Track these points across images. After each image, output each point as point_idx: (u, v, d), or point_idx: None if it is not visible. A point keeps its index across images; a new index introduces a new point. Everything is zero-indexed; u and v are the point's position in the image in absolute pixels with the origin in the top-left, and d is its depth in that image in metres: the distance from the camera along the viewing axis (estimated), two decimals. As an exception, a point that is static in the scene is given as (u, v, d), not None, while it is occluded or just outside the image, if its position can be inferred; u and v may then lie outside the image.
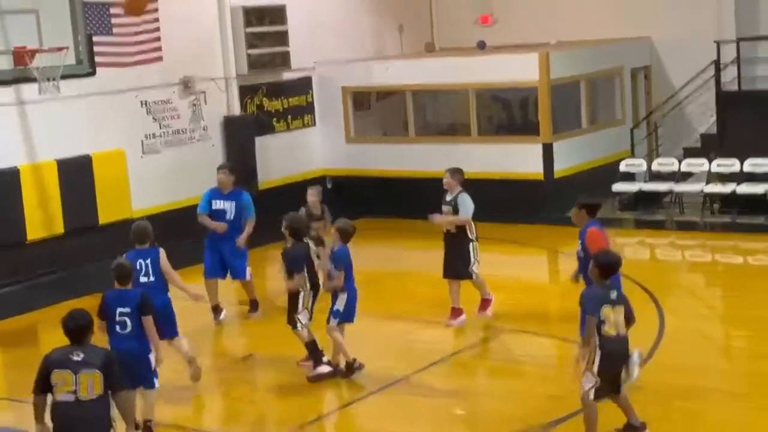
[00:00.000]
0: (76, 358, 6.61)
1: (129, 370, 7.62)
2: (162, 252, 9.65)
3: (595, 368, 7.61)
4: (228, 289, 12.54)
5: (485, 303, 11.29)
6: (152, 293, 8.72)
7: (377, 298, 12.18)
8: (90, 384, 6.53)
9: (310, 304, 9.82)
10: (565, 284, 13.95)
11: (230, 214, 11.99)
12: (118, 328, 8.19)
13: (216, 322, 11.91)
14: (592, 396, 7.62)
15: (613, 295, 7.79)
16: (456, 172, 11.43)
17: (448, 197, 11.32)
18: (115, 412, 6.72)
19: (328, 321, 9.76)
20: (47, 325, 12.56)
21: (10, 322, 12.56)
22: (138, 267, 9.41)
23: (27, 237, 14.14)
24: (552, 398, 8.86)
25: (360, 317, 9.96)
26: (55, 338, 12.29)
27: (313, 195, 12.72)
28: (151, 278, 9.50)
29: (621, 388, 7.78)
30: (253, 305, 12.18)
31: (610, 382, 7.70)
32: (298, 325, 9.81)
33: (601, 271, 7.85)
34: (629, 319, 7.87)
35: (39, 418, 6.71)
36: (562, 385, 8.93)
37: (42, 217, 14.30)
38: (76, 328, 6.73)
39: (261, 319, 11.99)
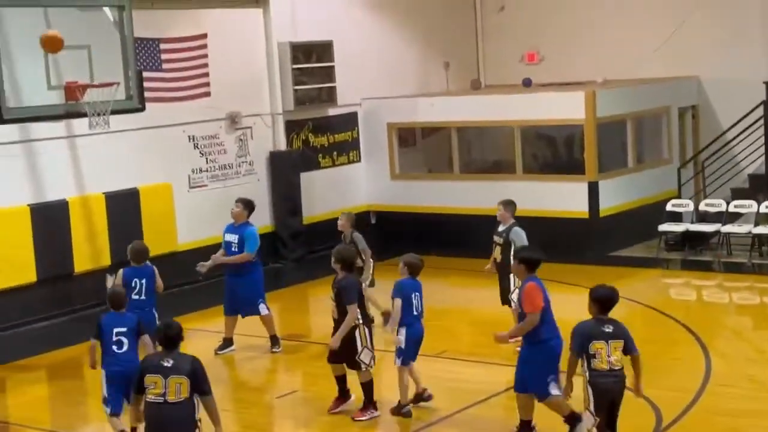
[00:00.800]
0: (166, 364, 7.24)
1: (126, 386, 8.30)
2: (155, 270, 10.79)
3: (592, 407, 7.69)
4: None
5: None
6: (141, 309, 9.87)
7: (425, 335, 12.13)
8: (177, 388, 7.16)
9: (368, 340, 9.42)
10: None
11: (235, 247, 12.01)
12: (115, 348, 8.73)
13: (216, 352, 12.01)
14: None
15: (608, 328, 7.79)
16: (509, 204, 11.71)
17: (500, 228, 11.59)
18: (202, 413, 7.29)
19: (395, 361, 9.56)
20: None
21: (57, 354, 12.67)
22: (132, 284, 10.47)
23: (75, 269, 14.30)
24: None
25: (390, 355, 9.91)
26: (99, 372, 12.38)
27: (342, 219, 12.63)
28: (143, 297, 10.54)
29: (616, 425, 7.80)
30: (274, 341, 12.12)
31: (607, 418, 7.75)
32: (362, 366, 9.39)
33: (597, 306, 7.87)
34: (629, 350, 7.84)
35: (135, 409, 7.80)
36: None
37: (90, 249, 14.46)
38: (170, 337, 7.39)
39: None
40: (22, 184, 13.83)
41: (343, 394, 9.75)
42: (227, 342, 12.15)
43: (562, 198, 16.77)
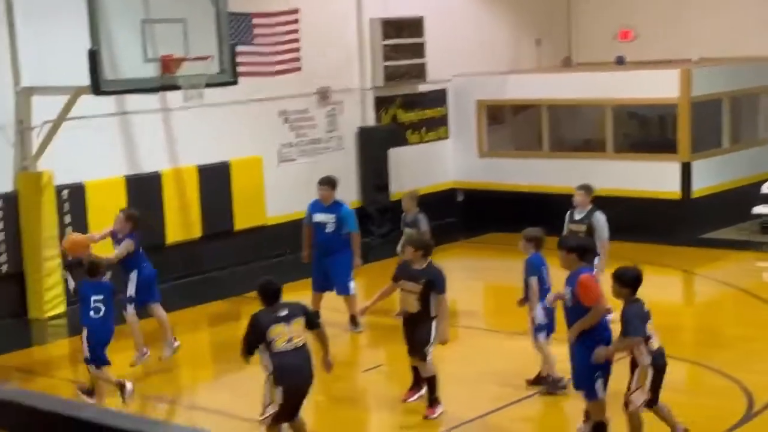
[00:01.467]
0: (282, 313, 7.75)
1: (103, 348, 9.47)
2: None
3: (648, 385, 7.70)
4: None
5: None
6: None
7: (505, 313, 12.09)
8: (300, 330, 7.73)
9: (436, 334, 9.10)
10: (699, 306, 13.63)
11: (330, 228, 11.94)
12: (92, 313, 9.55)
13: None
14: (642, 410, 7.77)
15: (646, 308, 7.80)
16: (588, 188, 11.26)
17: (578, 215, 11.11)
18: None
19: (535, 338, 9.42)
20: (183, 327, 12.91)
21: (148, 322, 12.94)
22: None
23: (166, 240, 14.58)
24: (684, 422, 8.63)
25: (487, 333, 9.91)
26: (190, 340, 12.64)
27: (407, 199, 12.34)
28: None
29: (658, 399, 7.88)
30: (354, 320, 12.05)
31: (655, 394, 7.80)
32: (429, 357, 9.03)
33: (630, 288, 7.74)
34: None
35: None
36: (694, 410, 8.69)
37: (181, 220, 14.73)
38: (274, 291, 7.87)
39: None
40: (118, 156, 14.13)
41: (418, 384, 9.39)
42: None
43: (654, 178, 16.49)
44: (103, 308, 9.58)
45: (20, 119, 13.02)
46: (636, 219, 15.58)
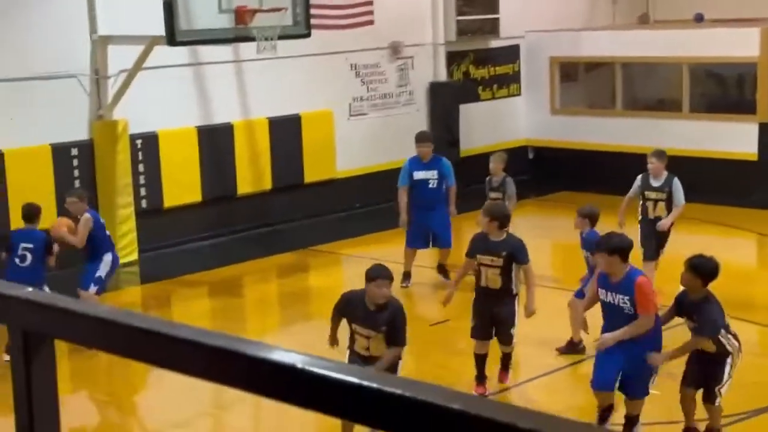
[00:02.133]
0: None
1: None
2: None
3: (734, 372, 7.32)
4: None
5: None
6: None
7: (572, 272, 11.99)
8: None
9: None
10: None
11: (433, 183, 11.81)
12: (17, 261, 9.28)
13: (402, 285, 11.88)
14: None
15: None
16: (663, 155, 10.92)
17: (656, 183, 10.80)
18: None
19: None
20: (251, 278, 13.07)
21: (218, 272, 13.11)
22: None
23: (237, 191, 14.71)
24: (757, 385, 8.50)
25: (554, 291, 9.82)
26: (257, 290, 12.77)
27: (494, 162, 11.92)
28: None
29: None
30: (443, 269, 12.06)
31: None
32: (514, 340, 8.66)
33: (707, 281, 7.22)
34: None
35: (333, 332, 7.55)
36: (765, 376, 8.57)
37: (252, 172, 14.83)
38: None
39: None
40: (190, 107, 14.24)
41: (484, 376, 8.63)
42: (407, 275, 12.03)
43: (731, 139, 16.14)
44: (30, 257, 9.23)
45: (96, 68, 13.18)
46: (711, 180, 15.29)
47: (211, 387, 8.87)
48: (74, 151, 13.00)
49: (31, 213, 9.61)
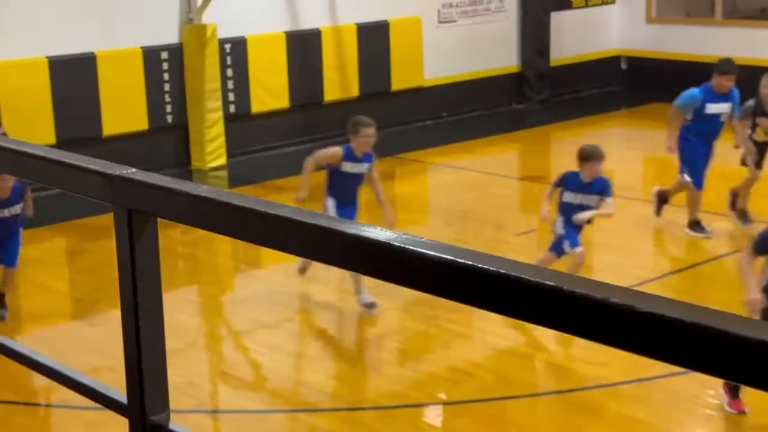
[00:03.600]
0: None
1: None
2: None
3: None
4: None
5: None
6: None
7: (663, 184, 11.77)
8: None
9: None
10: None
11: (724, 117, 10.07)
12: None
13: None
14: None
15: None
16: None
17: None
18: None
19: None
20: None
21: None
22: None
23: (324, 98, 14.70)
24: None
25: (644, 204, 9.64)
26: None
27: (766, 86, 10.12)
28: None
29: None
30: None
31: None
32: None
33: None
34: None
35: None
36: None
37: (339, 79, 14.77)
38: None
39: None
40: (279, 11, 14.18)
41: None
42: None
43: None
44: None
45: (186, -28, 13.17)
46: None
47: (295, 292, 9.01)
48: (164, 55, 13.08)
49: None
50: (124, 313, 1.76)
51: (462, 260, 1.28)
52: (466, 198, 12.03)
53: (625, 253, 9.70)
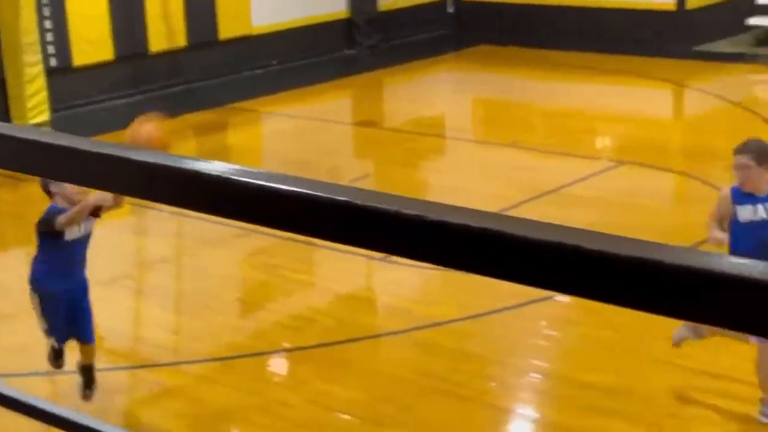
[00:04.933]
0: None
1: None
2: None
3: None
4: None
5: None
6: None
7: (498, 125, 12.06)
8: None
9: None
10: (688, 119, 13.59)
11: None
12: None
13: None
14: None
15: None
16: None
17: None
18: None
19: None
20: (170, 136, 12.79)
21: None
22: None
23: (150, 48, 14.28)
24: (666, 232, 8.70)
25: (479, 145, 9.85)
26: (176, 149, 12.49)
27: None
28: None
29: None
30: None
31: None
32: None
33: None
34: None
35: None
36: (680, 217, 8.77)
37: (165, 28, 14.37)
38: None
39: None
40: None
41: None
42: None
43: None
44: None
45: None
46: (624, 30, 15.31)
47: (130, 248, 8.75)
48: (-25, 7, 12.39)
49: None
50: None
51: (306, 191, 1.25)
52: (301, 146, 11.98)
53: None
